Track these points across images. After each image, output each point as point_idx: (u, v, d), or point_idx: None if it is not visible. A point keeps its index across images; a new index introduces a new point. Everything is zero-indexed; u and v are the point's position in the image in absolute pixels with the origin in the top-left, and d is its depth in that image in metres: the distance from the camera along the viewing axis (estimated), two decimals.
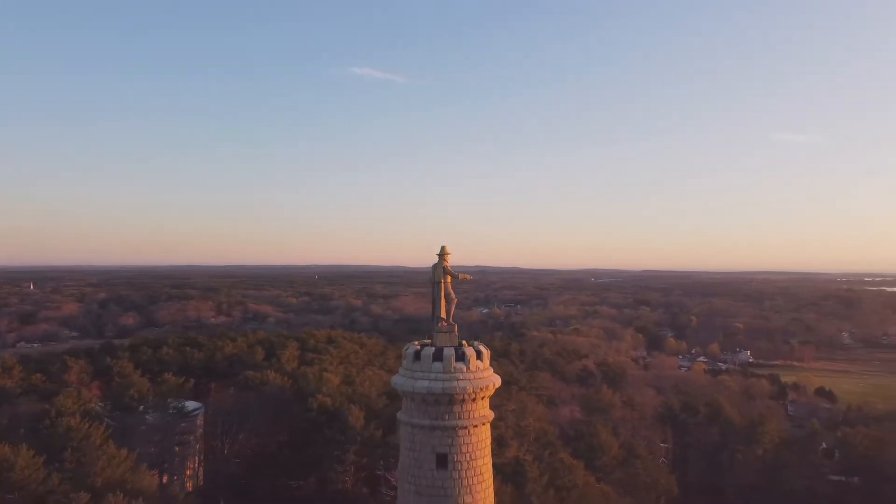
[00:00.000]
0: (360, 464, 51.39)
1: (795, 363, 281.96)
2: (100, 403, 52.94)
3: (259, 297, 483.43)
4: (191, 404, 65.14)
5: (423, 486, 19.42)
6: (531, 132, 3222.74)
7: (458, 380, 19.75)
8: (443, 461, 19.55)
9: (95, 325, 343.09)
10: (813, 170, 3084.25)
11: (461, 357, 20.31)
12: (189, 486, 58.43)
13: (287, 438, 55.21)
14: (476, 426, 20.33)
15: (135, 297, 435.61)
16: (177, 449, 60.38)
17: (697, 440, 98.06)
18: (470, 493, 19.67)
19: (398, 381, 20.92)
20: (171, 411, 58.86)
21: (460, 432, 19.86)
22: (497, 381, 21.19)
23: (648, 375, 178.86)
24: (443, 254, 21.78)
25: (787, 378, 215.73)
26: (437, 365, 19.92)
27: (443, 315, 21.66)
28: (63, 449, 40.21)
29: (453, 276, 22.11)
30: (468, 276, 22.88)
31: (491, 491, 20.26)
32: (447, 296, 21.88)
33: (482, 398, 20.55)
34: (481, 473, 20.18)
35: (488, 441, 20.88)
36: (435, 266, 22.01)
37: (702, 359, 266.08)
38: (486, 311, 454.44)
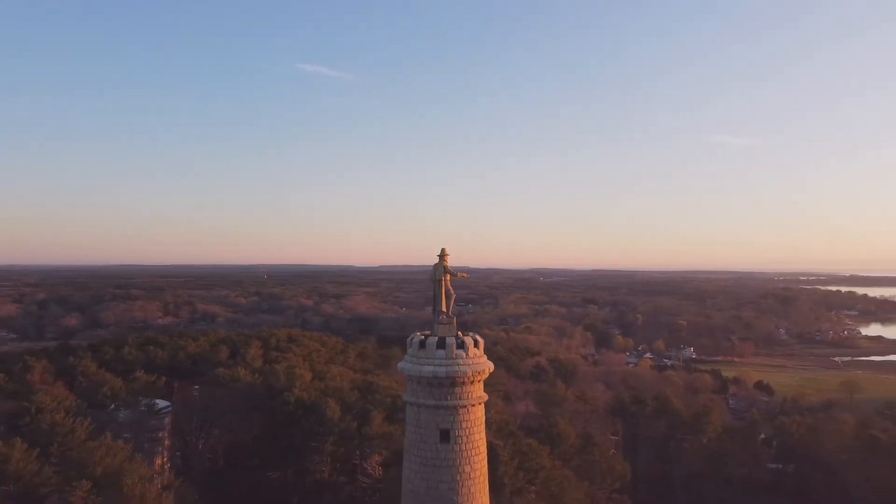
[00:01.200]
0: (338, 454, 53.60)
1: (736, 359, 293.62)
2: (76, 402, 53.50)
3: (207, 298, 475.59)
4: (160, 402, 66.05)
5: (428, 458, 22.22)
6: (480, 133, 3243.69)
7: (458, 365, 22.58)
8: (445, 436, 22.38)
9: (36, 327, 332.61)
10: (751, 172, 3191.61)
11: (461, 345, 23.11)
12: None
13: (261, 433, 56.86)
14: (473, 405, 23.28)
15: (77, 298, 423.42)
16: (146, 446, 61.35)
17: (646, 431, 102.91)
18: (469, 463, 22.59)
19: (405, 366, 23.55)
20: (142, 409, 59.83)
21: (461, 411, 22.73)
22: (491, 366, 24.07)
23: (598, 371, 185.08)
24: (443, 255, 24.50)
25: (728, 373, 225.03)
26: (441, 352, 22.67)
27: (444, 309, 24.35)
28: (49, 444, 41.17)
29: (452, 275, 24.82)
30: (465, 275, 25.56)
31: (485, 462, 23.24)
32: (447, 292, 24.56)
33: (478, 381, 23.44)
34: (478, 446, 23.13)
35: (483, 419, 23.84)
36: (436, 266, 24.70)
37: (648, 355, 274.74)
38: None
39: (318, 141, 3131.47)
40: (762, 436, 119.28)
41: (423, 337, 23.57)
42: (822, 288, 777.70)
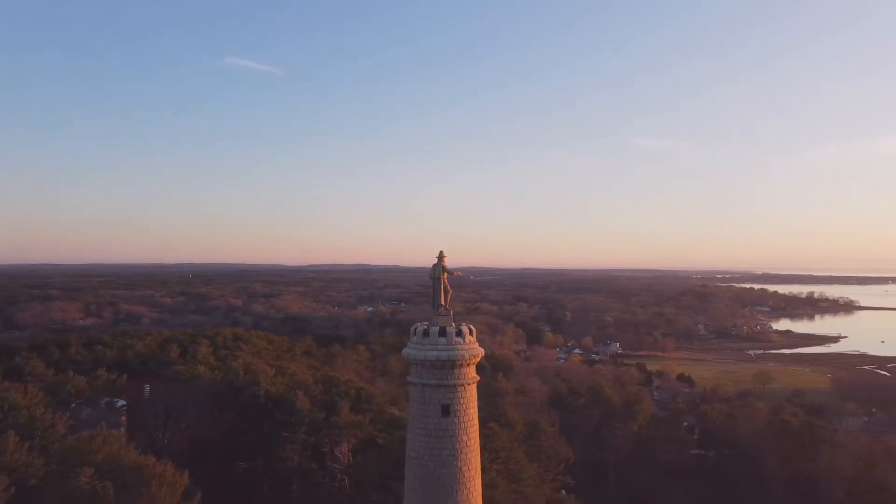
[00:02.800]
0: (308, 442, 56.18)
1: (658, 353, 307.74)
2: (45, 398, 53.88)
3: (131, 298, 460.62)
4: (118, 401, 66.70)
5: (432, 430, 25.86)
6: (410, 132, 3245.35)
7: (458, 350, 26.35)
8: (446, 410, 26.06)
9: None
10: (670, 174, 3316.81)
11: (459, 333, 26.85)
12: None
13: (227, 426, 58.71)
14: (469, 384, 27.14)
15: None
16: None
17: (581, 420, 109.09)
18: (466, 433, 26.40)
19: (411, 352, 27.06)
20: (103, 406, 60.62)
21: (459, 389, 26.49)
22: (482, 351, 27.82)
23: (532, 366, 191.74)
24: (441, 256, 28.09)
25: (652, 367, 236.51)
26: (442, 339, 26.33)
27: (443, 302, 27.93)
28: (30, 438, 42.19)
29: (449, 273, 28.42)
30: (459, 273, 29.10)
31: (478, 432, 27.13)
32: (445, 288, 28.13)
33: (473, 363, 27.22)
34: (472, 419, 26.96)
35: (475, 396, 27.62)
36: (435, 265, 28.27)
37: (577, 351, 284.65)
38: (371, 309, 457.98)
39: (245, 137, 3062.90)
40: (685, 424, 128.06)
41: (425, 327, 27.13)
42: (737, 286, 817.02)
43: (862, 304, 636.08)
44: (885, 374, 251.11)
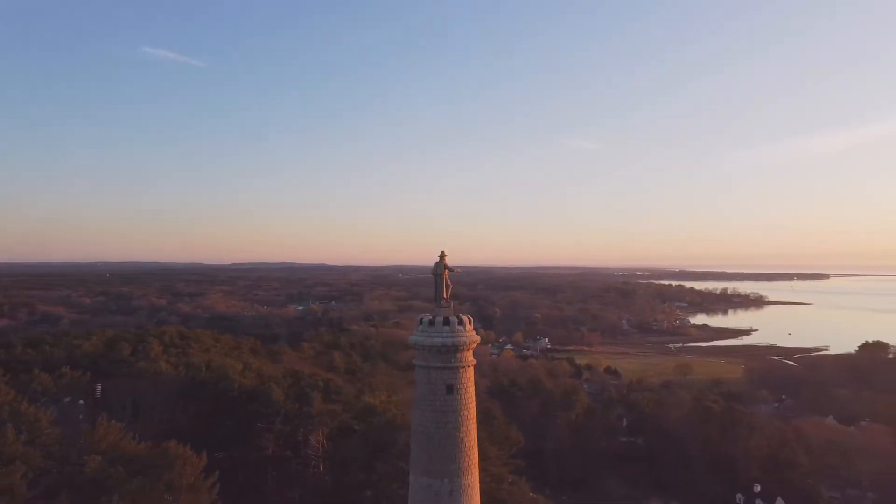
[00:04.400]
0: (284, 432, 58.53)
1: (585, 347, 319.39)
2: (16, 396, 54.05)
3: (47, 298, 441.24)
4: (80, 401, 66.99)
5: (438, 406, 29.68)
6: (338, 128, 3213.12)
7: (460, 336, 30.25)
8: (450, 389, 29.90)
9: None
10: (597, 174, 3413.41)
11: (460, 322, 30.68)
12: None
13: (198, 420, 60.25)
14: (469, 366, 31.13)
15: None
16: None
17: (522, 411, 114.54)
18: (466, 408, 30.42)
19: (418, 338, 30.70)
20: (66, 403, 61.09)
21: (460, 370, 30.40)
22: (478, 338, 31.76)
23: None
24: (442, 255, 31.83)
25: (580, 360, 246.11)
26: (446, 328, 30.13)
27: (444, 296, 31.65)
28: (18, 432, 43.12)
29: (450, 270, 32.16)
30: (458, 270, 32.79)
31: (475, 407, 31.18)
32: (446, 283, 31.85)
33: (471, 349, 31.15)
34: (471, 396, 30.97)
35: (473, 376, 31.57)
36: (437, 263, 31.97)
37: (508, 346, 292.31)
38: (301, 307, 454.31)
39: (161, 131, 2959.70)
40: (617, 413, 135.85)
41: (431, 317, 30.84)
42: (656, 282, 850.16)
43: (771, 299, 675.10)
44: (792, 364, 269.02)
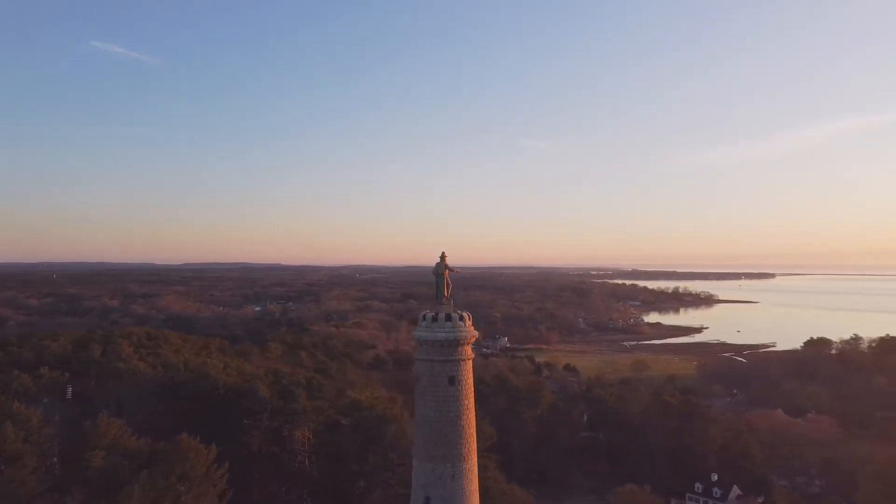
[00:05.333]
0: (271, 428, 59.66)
1: (544, 346, 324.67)
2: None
3: None
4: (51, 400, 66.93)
5: (440, 396, 31.82)
6: (293, 127, 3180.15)
7: (460, 331, 32.51)
8: (452, 380, 32.08)
9: None
10: (551, 174, 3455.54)
11: (461, 318, 32.90)
12: None
13: (183, 417, 60.80)
14: (469, 359, 33.43)
15: None
16: None
17: (488, 407, 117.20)
18: (466, 398, 32.66)
19: (422, 334, 32.75)
20: (45, 402, 61.06)
21: (461, 363, 32.65)
22: (476, 333, 34.01)
23: None
24: (443, 256, 34.02)
25: (540, 359, 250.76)
26: (448, 323, 32.34)
27: (445, 294, 33.80)
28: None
29: (450, 270, 34.36)
30: (458, 270, 34.93)
31: (473, 397, 33.39)
32: (447, 282, 34.02)
33: (470, 343, 33.40)
34: (470, 387, 33.21)
35: (472, 369, 33.85)
36: (438, 264, 34.15)
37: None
38: (259, 308, 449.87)
39: (110, 127, 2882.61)
40: (579, 409, 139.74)
41: (433, 314, 32.95)
42: (610, 282, 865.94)
43: (720, 298, 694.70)
44: (742, 361, 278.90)
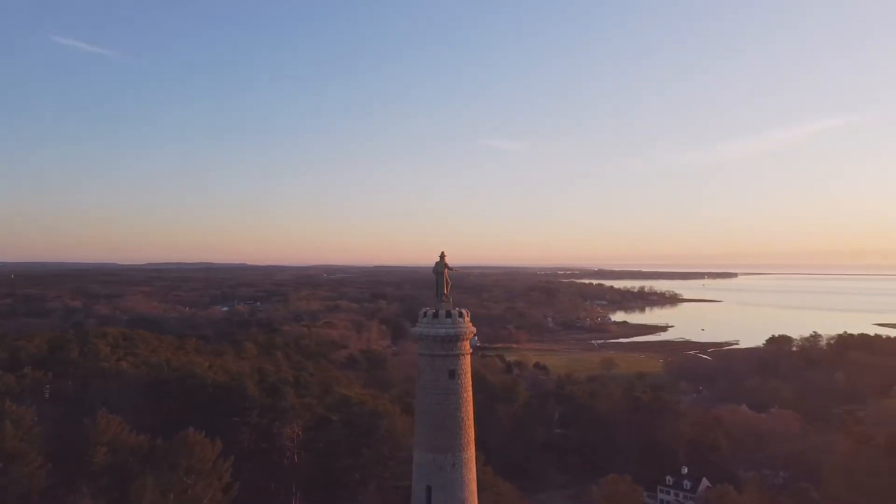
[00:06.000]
0: (261, 425, 60.22)
1: (514, 345, 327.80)
2: None
3: None
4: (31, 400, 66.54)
5: (441, 389, 33.29)
6: (257, 126, 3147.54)
7: (460, 327, 34.00)
8: (452, 374, 33.56)
9: None
10: (518, 175, 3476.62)
11: (460, 315, 34.36)
12: None
13: (170, 416, 61.02)
14: (468, 354, 35.01)
15: None
16: None
17: None
18: (465, 390, 34.20)
19: (423, 329, 34.11)
20: (27, 404, 60.71)
21: (461, 357, 34.17)
22: (474, 329, 35.46)
23: (406, 359, 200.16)
24: (442, 256, 35.44)
25: (510, 357, 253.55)
26: (448, 320, 33.80)
27: (445, 292, 35.20)
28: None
29: (449, 269, 35.80)
30: (457, 270, 36.32)
31: (472, 390, 34.87)
32: (446, 281, 35.42)
33: (469, 338, 34.88)
34: (468, 380, 34.77)
35: (470, 363, 35.36)
36: (437, 263, 35.59)
37: None
38: (226, 308, 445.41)
39: (73, 124, 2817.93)
40: (552, 405, 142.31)
41: (434, 311, 34.37)
42: (578, 281, 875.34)
43: (684, 297, 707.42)
44: (706, 358, 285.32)
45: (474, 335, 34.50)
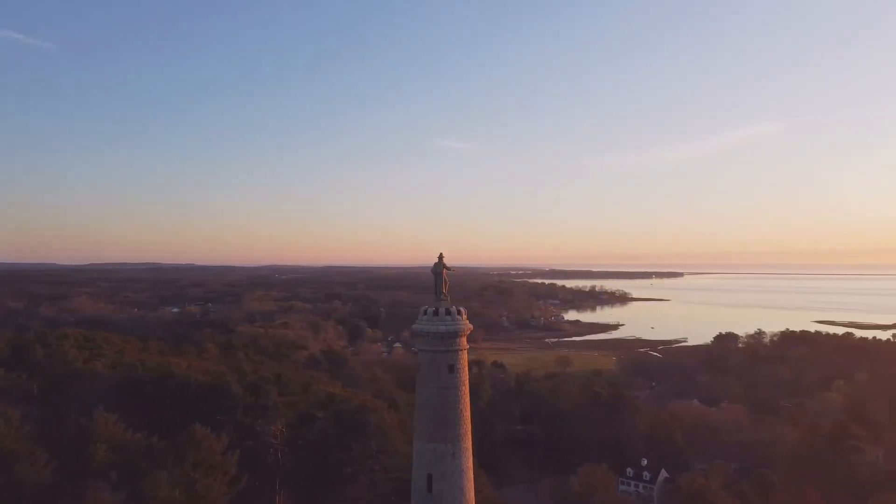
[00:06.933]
0: (245, 423, 60.74)
1: (471, 344, 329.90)
2: None
3: None
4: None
5: (441, 383, 35.08)
6: (203, 123, 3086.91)
7: (459, 324, 35.83)
8: (451, 369, 35.39)
9: None
10: (469, 175, 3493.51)
11: (458, 312, 36.26)
12: None
13: (150, 416, 61.00)
14: (465, 350, 36.85)
15: None
16: None
17: None
18: (463, 384, 36.07)
19: (424, 327, 35.77)
20: None
21: (459, 353, 36.01)
22: (471, 326, 37.34)
23: (366, 359, 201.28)
24: (441, 256, 37.22)
25: (469, 356, 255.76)
26: (448, 317, 35.59)
27: (444, 290, 36.98)
28: None
29: (448, 269, 37.61)
30: (453, 270, 38.13)
31: (468, 385, 36.82)
32: (444, 280, 37.22)
33: (466, 335, 36.79)
34: (466, 375, 36.64)
35: (467, 359, 37.28)
36: (436, 263, 37.33)
37: (397, 344, 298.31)
38: (177, 310, 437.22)
39: (6, 119, 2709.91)
40: (513, 403, 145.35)
41: (434, 309, 36.14)
42: (530, 281, 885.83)
43: (634, 296, 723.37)
44: (657, 355, 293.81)
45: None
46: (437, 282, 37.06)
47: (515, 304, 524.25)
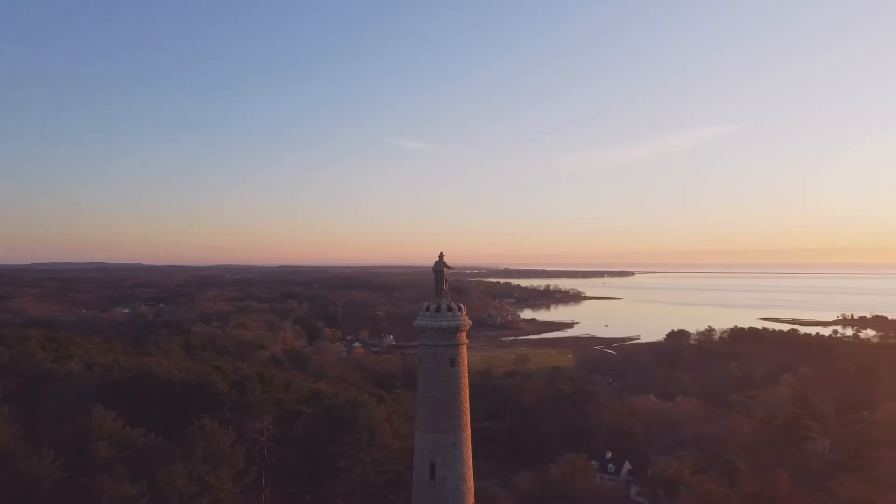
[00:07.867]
0: (232, 421, 60.94)
1: None
2: None
3: None
4: None
5: (443, 377, 36.92)
6: (145, 122, 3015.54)
7: (460, 320, 37.75)
8: (452, 363, 37.27)
9: None
10: (421, 174, 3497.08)
11: (459, 309, 38.13)
12: None
13: (132, 416, 60.76)
14: (465, 344, 38.82)
15: None
16: None
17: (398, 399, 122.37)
18: (463, 377, 38.01)
19: (427, 322, 37.49)
20: None
21: (460, 347, 37.93)
22: (470, 322, 39.23)
23: (327, 358, 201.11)
24: (441, 255, 39.00)
25: None
26: (449, 314, 37.50)
27: (444, 288, 38.74)
28: None
29: (448, 268, 39.39)
30: (452, 268, 39.87)
31: (468, 377, 38.69)
32: (445, 278, 38.97)
33: (466, 330, 38.68)
34: (466, 368, 38.58)
35: (466, 353, 39.19)
36: (437, 262, 39.13)
37: (357, 344, 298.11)
38: (127, 310, 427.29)
39: None
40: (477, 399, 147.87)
41: (436, 305, 37.93)
42: (486, 280, 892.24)
43: (587, 295, 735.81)
44: (612, 353, 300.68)
45: (388, 335, 37.98)
46: (437, 279, 38.88)
47: (472, 302, 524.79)
